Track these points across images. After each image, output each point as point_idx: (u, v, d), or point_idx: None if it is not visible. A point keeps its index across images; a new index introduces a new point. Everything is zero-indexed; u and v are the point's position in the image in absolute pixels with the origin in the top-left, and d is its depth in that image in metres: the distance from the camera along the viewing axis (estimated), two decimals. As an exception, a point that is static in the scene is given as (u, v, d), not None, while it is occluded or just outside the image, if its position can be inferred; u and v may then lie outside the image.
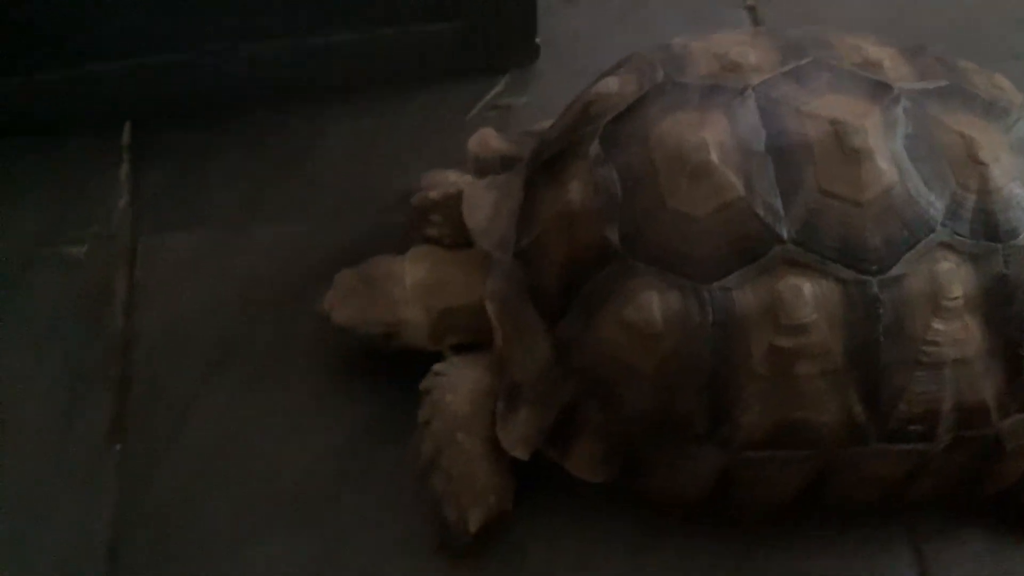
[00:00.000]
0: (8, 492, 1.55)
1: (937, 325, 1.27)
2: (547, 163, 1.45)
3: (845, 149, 1.26)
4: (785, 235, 1.26)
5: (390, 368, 1.56)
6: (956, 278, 1.27)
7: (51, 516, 1.53)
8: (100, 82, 1.83)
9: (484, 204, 1.51)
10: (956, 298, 1.27)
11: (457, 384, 1.46)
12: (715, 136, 1.29)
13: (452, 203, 1.56)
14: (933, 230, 1.27)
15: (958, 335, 1.28)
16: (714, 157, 1.27)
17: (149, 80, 1.85)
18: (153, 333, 1.68)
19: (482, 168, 1.59)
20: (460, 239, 1.55)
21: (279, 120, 1.87)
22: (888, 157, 1.27)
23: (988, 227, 1.29)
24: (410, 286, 1.51)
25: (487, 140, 1.62)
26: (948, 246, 1.28)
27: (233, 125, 1.87)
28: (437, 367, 1.48)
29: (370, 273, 1.54)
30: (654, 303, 1.28)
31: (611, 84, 1.44)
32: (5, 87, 1.80)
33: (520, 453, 1.42)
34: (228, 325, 1.68)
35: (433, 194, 1.60)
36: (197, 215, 1.79)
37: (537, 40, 1.96)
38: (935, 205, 1.28)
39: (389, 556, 1.49)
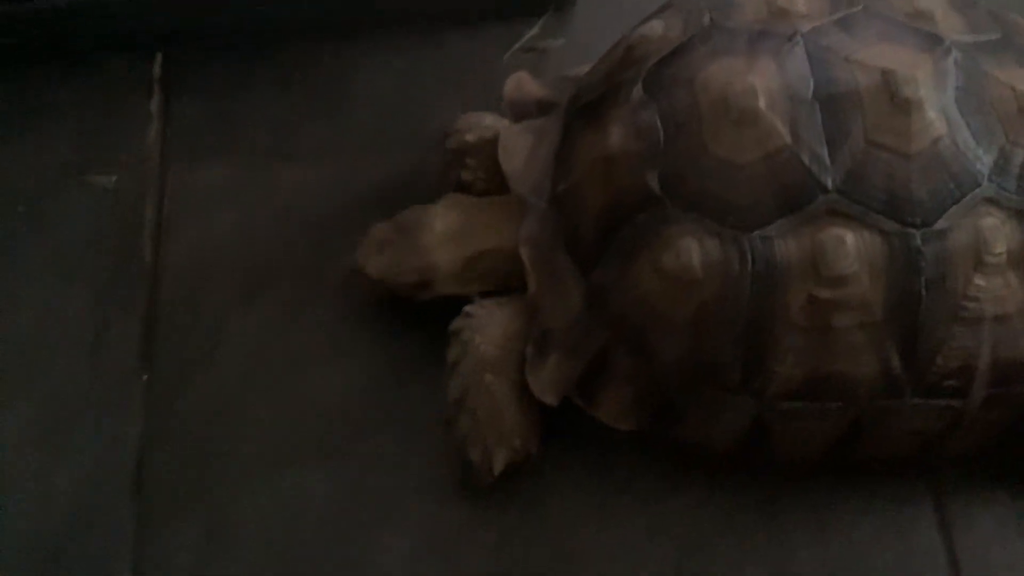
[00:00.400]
0: (36, 419, 1.56)
1: (979, 280, 1.26)
2: (587, 107, 1.43)
3: (895, 99, 1.25)
4: (830, 185, 1.24)
5: (420, 308, 1.55)
6: (1000, 234, 1.26)
7: (78, 443, 1.54)
8: (133, 11, 1.81)
9: (520, 148, 1.50)
10: (999, 254, 1.26)
11: (487, 326, 1.45)
12: (763, 82, 1.27)
13: (487, 147, 1.55)
14: (979, 184, 1.26)
15: (999, 291, 1.27)
16: (761, 103, 1.25)
17: (182, 11, 1.83)
18: (182, 264, 1.68)
19: (518, 112, 1.57)
20: (494, 184, 1.54)
21: (311, 57, 1.85)
22: (938, 109, 1.26)
23: None
24: (440, 232, 1.51)
25: (523, 84, 1.60)
26: (993, 201, 1.26)
27: (265, 60, 1.85)
28: (468, 308, 1.48)
29: (402, 222, 1.53)
30: (693, 250, 1.27)
31: (655, 27, 1.42)
32: (39, 14, 1.78)
33: (549, 399, 1.42)
34: (257, 258, 1.68)
35: (469, 137, 1.58)
36: (228, 148, 1.78)
37: (575, -19, 1.94)
38: (982, 159, 1.26)
39: (409, 495, 1.50)
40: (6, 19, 1.77)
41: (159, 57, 1.86)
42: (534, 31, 1.87)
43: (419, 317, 1.57)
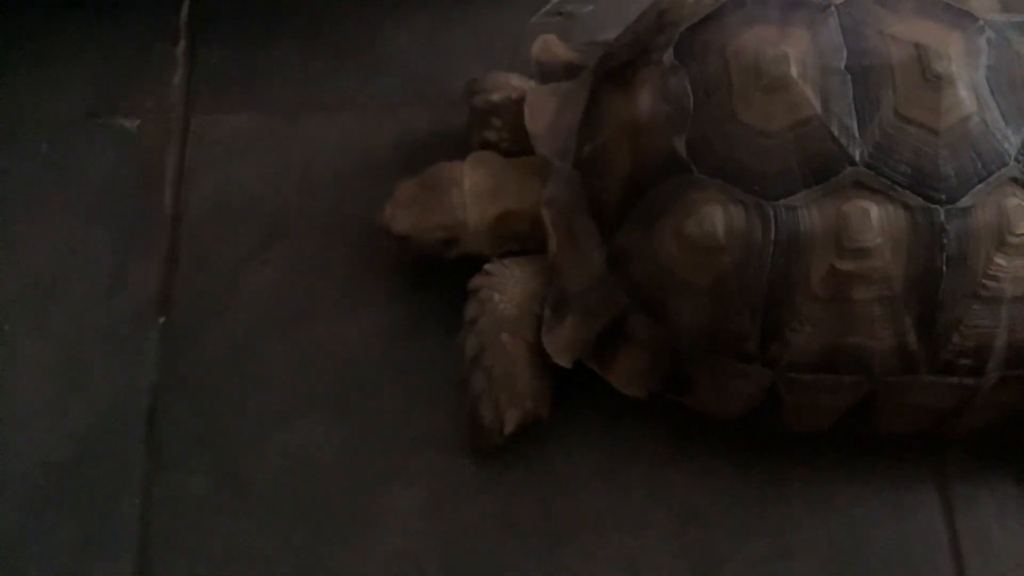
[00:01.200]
0: (53, 355, 1.58)
1: (1000, 260, 1.27)
2: (615, 70, 1.43)
3: (927, 74, 1.25)
4: (857, 157, 1.25)
5: (437, 264, 1.55)
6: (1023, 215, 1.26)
7: (93, 381, 1.56)
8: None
9: (546, 110, 1.50)
10: (1022, 235, 1.26)
11: (506, 285, 1.46)
12: (796, 51, 1.27)
13: (513, 107, 1.54)
14: (1006, 164, 1.26)
15: (1019, 272, 1.27)
16: (793, 71, 1.25)
17: (212, -41, 1.83)
18: (202, 210, 1.68)
19: (545, 75, 1.56)
20: (519, 145, 1.53)
21: (337, 11, 1.85)
22: (969, 86, 1.26)
23: None
24: (468, 189, 1.50)
25: (551, 46, 1.59)
26: (1019, 182, 1.27)
27: (291, 12, 1.85)
28: (488, 267, 1.48)
29: (430, 180, 1.53)
30: (717, 217, 1.27)
31: (688, -7, 1.42)
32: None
33: (564, 361, 1.42)
34: (277, 207, 1.68)
35: (495, 97, 1.58)
36: (252, 98, 1.78)
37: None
38: (1010, 139, 1.27)
39: (418, 450, 1.51)
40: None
41: (186, 4, 1.86)
42: (564, -6, 1.87)
43: (434, 273, 1.57)
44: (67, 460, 1.51)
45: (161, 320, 1.59)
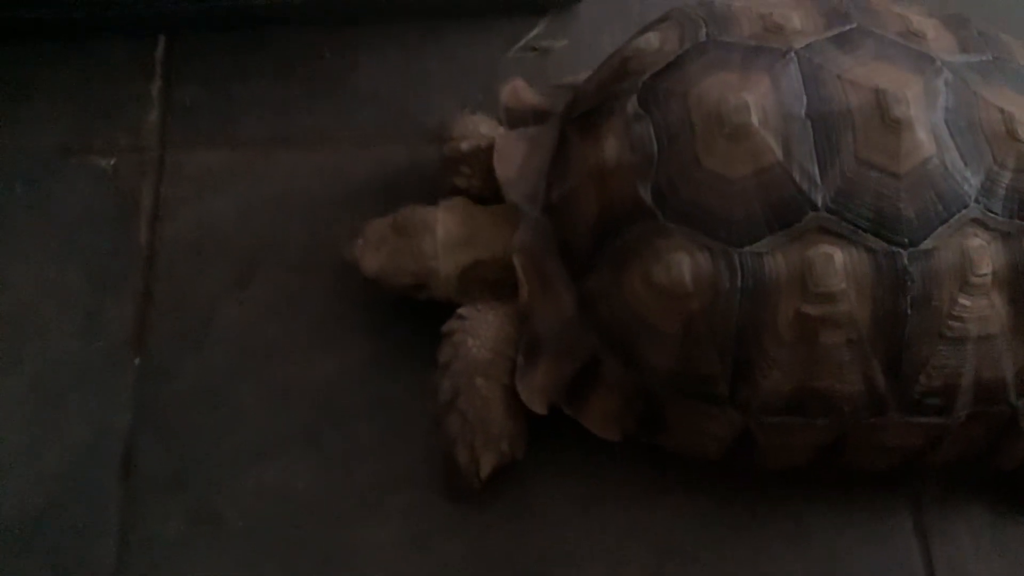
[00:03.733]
0: (26, 397, 1.58)
1: (963, 300, 1.27)
2: (582, 117, 1.44)
3: (886, 118, 1.25)
4: (819, 202, 1.25)
5: (411, 300, 1.56)
6: (986, 255, 1.27)
7: (67, 422, 1.56)
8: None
9: (515, 156, 1.50)
10: (984, 275, 1.27)
11: (479, 329, 1.46)
12: (757, 98, 1.28)
13: (482, 155, 1.55)
14: (966, 205, 1.27)
15: (983, 312, 1.28)
16: (754, 119, 1.26)
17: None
18: (177, 247, 1.69)
19: (514, 120, 1.57)
20: (489, 191, 1.54)
21: (312, 47, 1.85)
22: (928, 129, 1.27)
23: (1021, 206, 1.29)
24: (441, 239, 1.50)
25: (519, 92, 1.60)
26: (980, 222, 1.27)
27: (266, 48, 1.85)
28: (461, 310, 1.48)
29: (402, 223, 1.53)
30: (684, 264, 1.27)
31: (651, 40, 1.42)
32: (45, -6, 1.79)
33: (538, 407, 1.43)
34: (252, 244, 1.69)
35: (464, 145, 1.58)
36: (226, 134, 1.79)
37: (580, -19, 1.93)
38: (970, 180, 1.27)
39: (393, 487, 1.52)
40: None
41: (162, 41, 1.87)
42: (537, 30, 1.87)
43: (409, 309, 1.57)
44: (42, 504, 1.51)
45: (136, 361, 1.59)
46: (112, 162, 1.76)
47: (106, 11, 1.83)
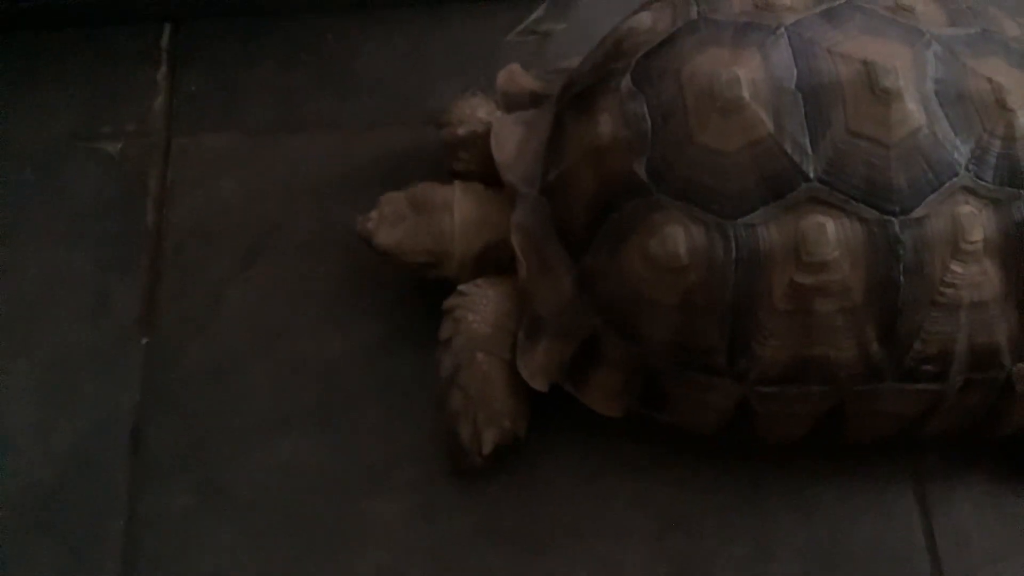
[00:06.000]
0: (37, 377, 1.60)
1: (955, 267, 1.28)
2: (577, 97, 1.45)
3: (875, 89, 1.26)
4: (812, 174, 1.27)
5: (419, 282, 1.58)
6: (977, 222, 1.28)
7: (77, 402, 1.59)
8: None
9: (512, 139, 1.52)
10: (976, 242, 1.28)
11: (480, 305, 1.48)
12: (747, 73, 1.29)
13: (479, 140, 1.56)
14: (957, 174, 1.28)
15: (976, 278, 1.30)
16: (746, 93, 1.27)
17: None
18: (184, 230, 1.71)
19: (511, 104, 1.58)
20: (488, 174, 1.54)
21: (316, 33, 1.87)
22: (917, 99, 1.28)
23: (1012, 173, 1.30)
24: (459, 219, 1.52)
25: (516, 76, 1.61)
26: (970, 190, 1.29)
27: (271, 35, 1.87)
28: (461, 287, 1.50)
29: (421, 200, 1.54)
30: (679, 237, 1.29)
31: (644, 20, 1.44)
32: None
33: (539, 385, 1.45)
34: (258, 226, 1.71)
35: (460, 131, 1.60)
36: (232, 119, 1.81)
37: (580, -36, 1.94)
38: (960, 149, 1.29)
39: (399, 463, 1.54)
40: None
41: (167, 28, 1.89)
42: (537, 13, 1.88)
43: (416, 287, 1.60)
44: (51, 481, 1.53)
45: (144, 340, 1.62)
46: (120, 147, 1.78)
47: (113, 1, 1.85)
